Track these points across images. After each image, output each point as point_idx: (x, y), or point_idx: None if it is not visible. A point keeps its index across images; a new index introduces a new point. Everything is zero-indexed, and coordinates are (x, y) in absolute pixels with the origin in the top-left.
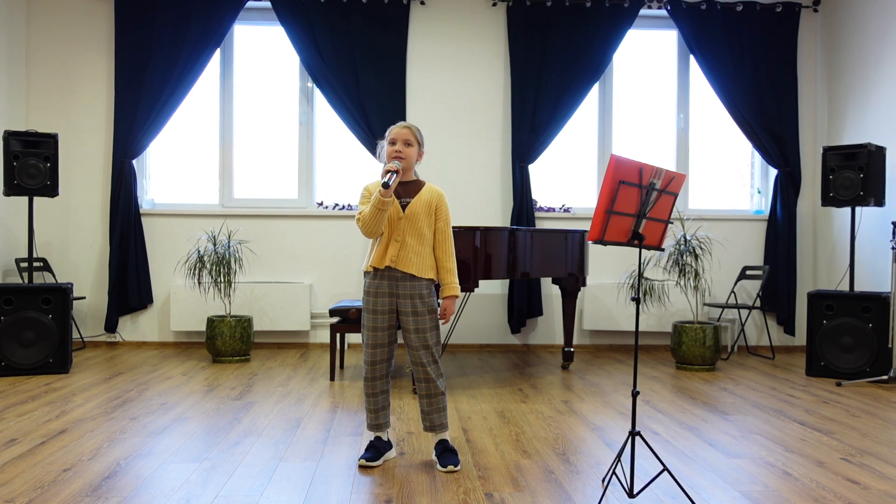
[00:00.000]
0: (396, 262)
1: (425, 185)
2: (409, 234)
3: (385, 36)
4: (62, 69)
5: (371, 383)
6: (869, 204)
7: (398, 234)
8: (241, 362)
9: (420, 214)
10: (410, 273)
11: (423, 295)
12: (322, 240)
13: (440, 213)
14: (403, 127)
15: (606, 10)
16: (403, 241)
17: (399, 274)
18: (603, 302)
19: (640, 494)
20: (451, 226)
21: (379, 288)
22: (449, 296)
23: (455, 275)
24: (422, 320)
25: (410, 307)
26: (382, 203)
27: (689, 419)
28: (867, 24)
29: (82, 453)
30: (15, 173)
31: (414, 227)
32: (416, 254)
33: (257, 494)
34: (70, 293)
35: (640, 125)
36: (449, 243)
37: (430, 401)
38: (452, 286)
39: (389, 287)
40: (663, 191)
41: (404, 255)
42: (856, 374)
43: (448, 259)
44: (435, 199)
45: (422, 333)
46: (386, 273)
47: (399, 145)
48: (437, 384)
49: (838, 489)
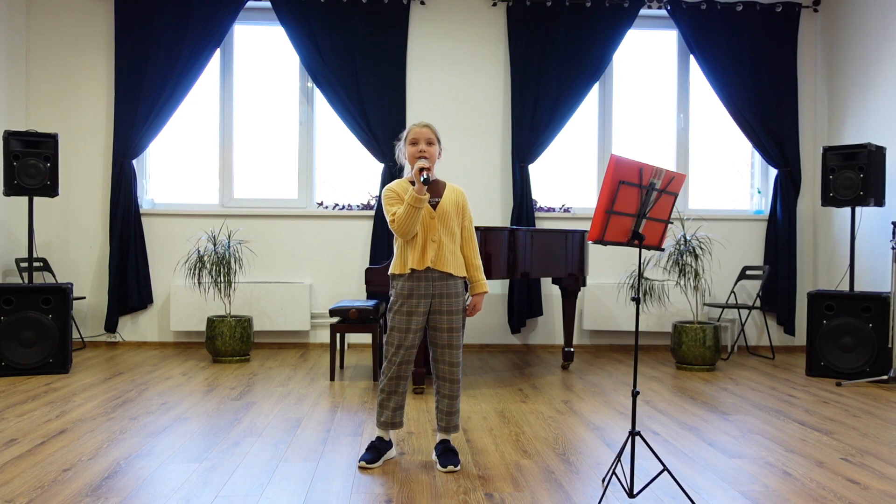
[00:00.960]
0: (436, 262)
1: (447, 185)
2: (443, 234)
3: (385, 36)
4: (62, 69)
5: (395, 381)
6: (869, 204)
7: (433, 233)
8: (241, 362)
9: (450, 213)
10: (448, 272)
11: (459, 293)
12: (322, 240)
13: (466, 212)
14: (423, 126)
15: (606, 10)
16: (440, 240)
17: (437, 274)
18: (603, 302)
19: (640, 494)
20: None
21: (416, 290)
22: (479, 293)
23: (482, 272)
24: (456, 319)
25: (447, 306)
26: (417, 201)
27: (689, 419)
28: (867, 24)
29: (82, 453)
30: (15, 173)
31: (446, 226)
32: (451, 253)
33: (257, 494)
34: (70, 293)
35: (640, 125)
36: (475, 241)
37: (452, 402)
38: (482, 283)
39: (427, 288)
40: (663, 191)
41: (442, 254)
42: (856, 374)
43: (476, 256)
44: (461, 198)
45: (455, 332)
46: (424, 274)
47: (422, 145)
48: (459, 385)
49: (838, 489)
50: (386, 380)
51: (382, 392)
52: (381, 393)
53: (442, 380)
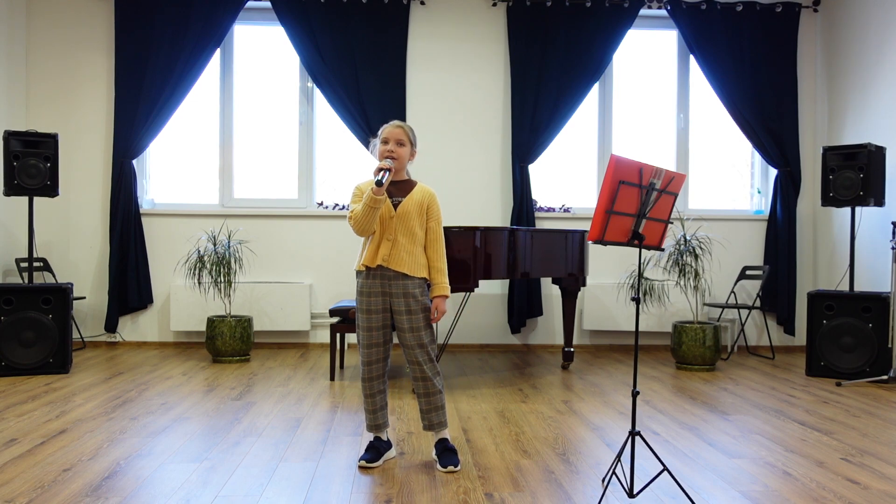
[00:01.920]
0: (388, 260)
1: (417, 185)
2: (400, 233)
3: (385, 36)
4: (62, 69)
5: (368, 383)
6: (869, 204)
7: (390, 232)
8: (241, 362)
9: (412, 214)
10: (402, 272)
11: (415, 294)
12: (322, 240)
13: (431, 213)
14: (396, 126)
15: (606, 10)
16: (395, 239)
17: (391, 273)
18: (603, 302)
19: (640, 494)
20: (452, 226)
21: (372, 287)
22: (439, 295)
23: (445, 275)
24: (415, 319)
25: (404, 306)
26: (374, 201)
27: (689, 419)
28: (867, 24)
29: (82, 453)
30: (15, 173)
31: (405, 226)
32: (407, 252)
33: (257, 494)
34: (70, 293)
35: (640, 125)
36: (440, 243)
37: (429, 399)
38: (442, 286)
39: (382, 286)
40: (663, 191)
41: (396, 253)
42: (856, 374)
43: (439, 259)
44: (427, 199)
45: (416, 332)
46: (378, 272)
47: (391, 144)
48: (433, 382)
49: (838, 489)
50: (361, 382)
51: (363, 395)
52: (363, 397)
53: (414, 379)
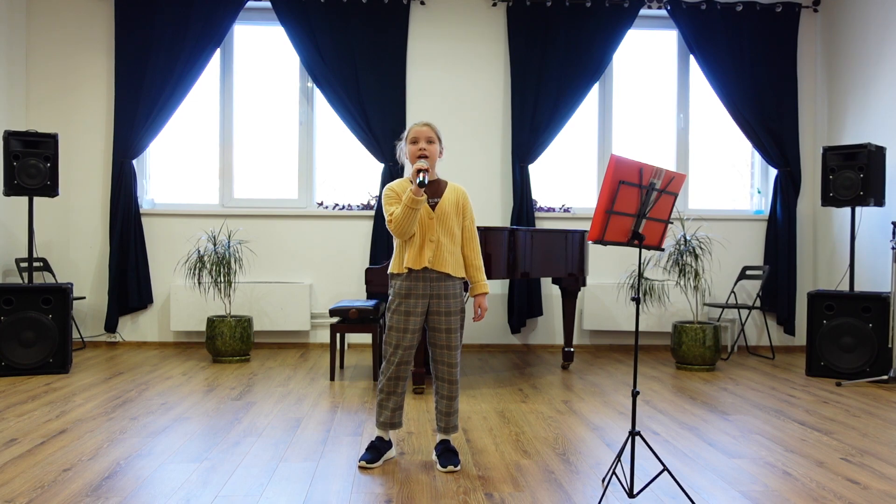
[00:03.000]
0: (433, 262)
1: (448, 184)
2: (441, 234)
3: (385, 36)
4: (62, 69)
5: (395, 382)
6: (869, 204)
7: (431, 234)
8: (241, 362)
9: (450, 213)
10: (446, 273)
11: (457, 294)
12: (322, 240)
13: (467, 212)
14: (424, 125)
15: (606, 10)
16: (438, 240)
17: (435, 274)
18: (603, 302)
19: (640, 494)
20: None
21: (413, 289)
22: (479, 293)
23: (483, 272)
24: (454, 320)
25: (444, 307)
26: (415, 202)
27: (689, 419)
28: (867, 24)
29: (82, 453)
30: (15, 173)
31: (445, 226)
32: (450, 253)
33: (257, 494)
34: (70, 293)
35: (640, 125)
36: (476, 241)
37: (451, 403)
38: (483, 284)
39: (424, 288)
40: (663, 191)
41: (440, 255)
42: (856, 374)
43: (477, 257)
44: (461, 198)
45: (453, 333)
46: (422, 274)
47: (422, 143)
48: (458, 386)
49: (838, 489)
50: (385, 380)
51: (381, 392)
52: (381, 393)
53: (440, 380)
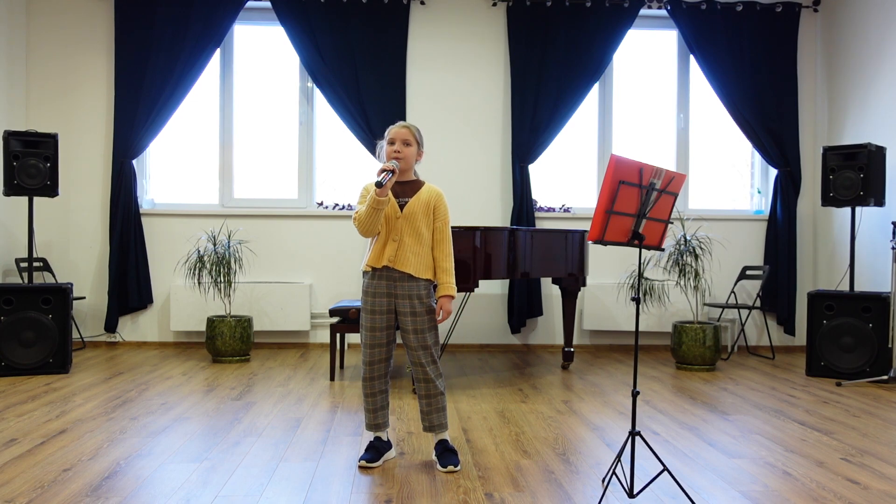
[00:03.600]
0: (394, 261)
1: (424, 185)
2: (406, 234)
3: (385, 36)
4: (62, 69)
5: (369, 383)
6: (869, 204)
7: (395, 233)
8: (241, 362)
9: (418, 214)
10: (408, 273)
11: (421, 295)
12: (322, 240)
13: (438, 213)
14: (402, 127)
15: (606, 10)
16: (401, 240)
17: (397, 274)
18: (603, 302)
19: (640, 494)
20: (451, 226)
21: (377, 288)
22: (444, 295)
23: (452, 275)
24: (420, 320)
25: (409, 307)
26: (377, 202)
27: (689, 419)
28: (867, 24)
29: (82, 453)
30: (15, 173)
31: (412, 226)
32: (413, 253)
33: (257, 494)
34: (70, 293)
35: (640, 125)
36: (447, 243)
37: (430, 401)
38: (448, 286)
39: (388, 287)
40: (663, 191)
41: (402, 254)
42: (856, 374)
43: (445, 259)
44: (433, 199)
45: (420, 334)
46: (384, 273)
47: (398, 145)
48: (436, 384)
49: (838, 489)
50: (362, 381)
51: (363, 395)
52: (364, 396)
53: (416, 380)
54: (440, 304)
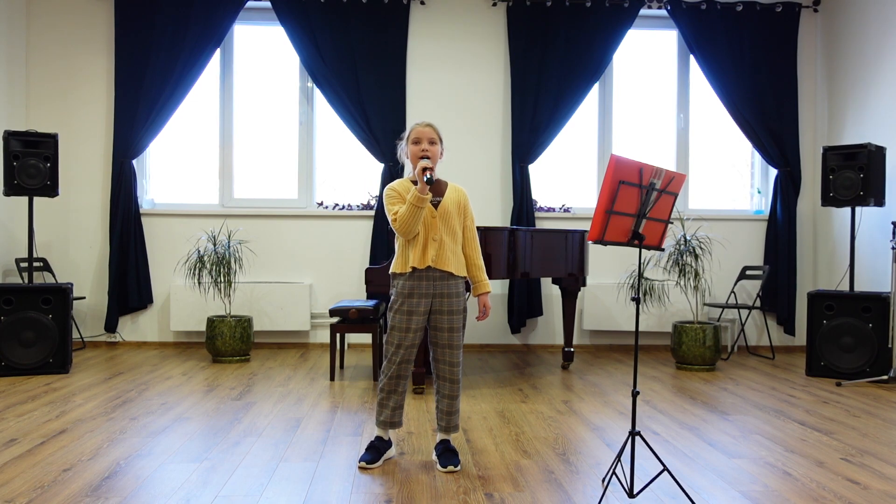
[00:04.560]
0: (437, 261)
1: (449, 184)
2: (444, 233)
3: (385, 36)
4: (62, 69)
5: (396, 381)
6: (869, 204)
7: (434, 233)
8: (241, 362)
9: (452, 213)
10: (449, 271)
11: (459, 293)
12: (322, 240)
13: (468, 211)
14: (426, 125)
15: (606, 10)
16: (441, 240)
17: (438, 273)
18: (603, 302)
19: (640, 494)
20: None
21: (416, 289)
22: (482, 293)
23: (485, 272)
24: (456, 319)
25: (447, 306)
26: (420, 200)
27: (689, 419)
28: (867, 24)
29: (82, 453)
30: (15, 173)
31: (448, 225)
32: (452, 252)
33: (257, 494)
34: (70, 293)
35: (640, 125)
36: (477, 241)
37: (452, 402)
38: (484, 283)
39: (427, 287)
40: (663, 191)
41: (443, 254)
42: (856, 374)
43: (478, 256)
44: (463, 198)
45: (455, 332)
46: (425, 273)
47: (424, 144)
48: (460, 385)
49: (838, 489)
50: (385, 379)
51: (382, 391)
52: (381, 392)
53: (442, 380)
54: (482, 301)
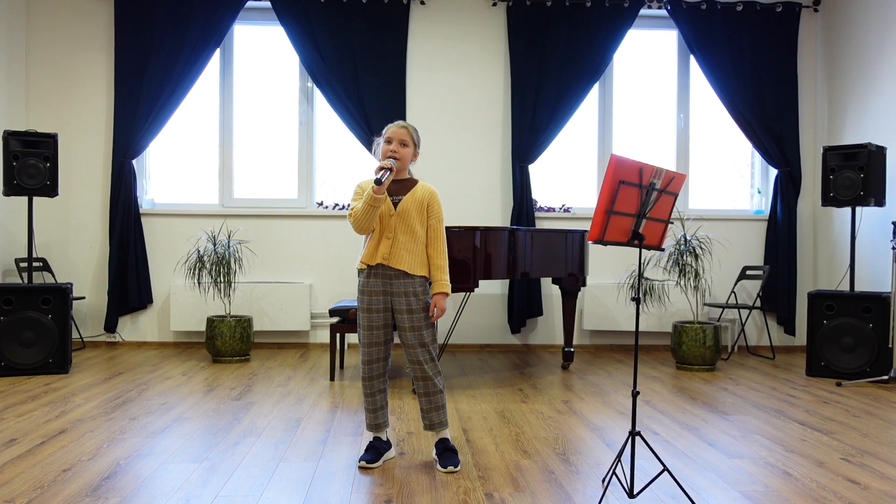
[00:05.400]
0: (388, 258)
1: (418, 183)
2: (400, 232)
3: (385, 36)
4: (62, 69)
5: (368, 382)
6: (869, 204)
7: (389, 230)
8: (241, 362)
9: (412, 212)
10: (402, 270)
11: (417, 292)
12: (322, 240)
13: (432, 211)
14: (401, 127)
15: (606, 10)
16: (395, 238)
17: (392, 271)
18: (603, 302)
19: (641, 494)
20: (452, 226)
21: (373, 286)
22: (439, 293)
23: (446, 272)
24: (416, 318)
25: (405, 305)
26: (374, 200)
27: (689, 419)
28: (867, 24)
29: (82, 453)
30: (15, 173)
31: (406, 224)
32: (407, 251)
33: (257, 494)
34: (70, 293)
35: (640, 125)
36: (441, 241)
37: (429, 399)
38: (442, 283)
39: (383, 285)
40: (663, 191)
41: (396, 251)
42: (856, 375)
43: (439, 257)
44: (427, 197)
45: (417, 331)
46: (379, 270)
47: (395, 145)
48: (434, 382)
49: (838, 489)
50: (362, 381)
51: (363, 394)
52: (363, 396)
53: (415, 378)
54: (434, 302)
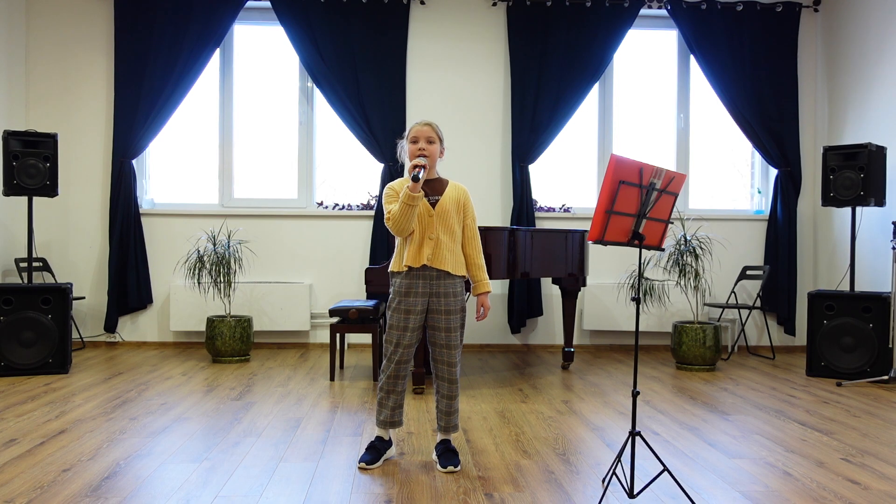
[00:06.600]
0: (432, 260)
1: (450, 183)
2: (441, 232)
3: (385, 36)
4: (62, 69)
5: (394, 381)
6: (869, 204)
7: (431, 231)
8: (240, 362)
9: (450, 211)
10: (446, 270)
11: (457, 293)
12: (322, 240)
13: (468, 210)
14: (425, 124)
15: (606, 10)
16: (437, 238)
17: (434, 272)
18: (603, 302)
19: (641, 494)
20: None
21: (413, 287)
22: (481, 292)
23: (485, 271)
24: (454, 318)
25: (444, 305)
26: (411, 199)
27: (689, 419)
28: (867, 24)
29: (82, 453)
30: (14, 173)
31: (445, 224)
32: (449, 251)
33: (257, 494)
34: (69, 293)
35: (640, 125)
36: (477, 240)
37: (451, 402)
38: (484, 283)
39: (424, 286)
40: (663, 191)
41: (439, 252)
42: (856, 375)
43: (478, 255)
44: (462, 196)
45: (453, 332)
46: (421, 272)
47: (422, 143)
48: (458, 385)
49: (838, 489)
50: (385, 378)
51: (381, 390)
52: (381, 391)
53: (441, 379)
54: (480, 301)
